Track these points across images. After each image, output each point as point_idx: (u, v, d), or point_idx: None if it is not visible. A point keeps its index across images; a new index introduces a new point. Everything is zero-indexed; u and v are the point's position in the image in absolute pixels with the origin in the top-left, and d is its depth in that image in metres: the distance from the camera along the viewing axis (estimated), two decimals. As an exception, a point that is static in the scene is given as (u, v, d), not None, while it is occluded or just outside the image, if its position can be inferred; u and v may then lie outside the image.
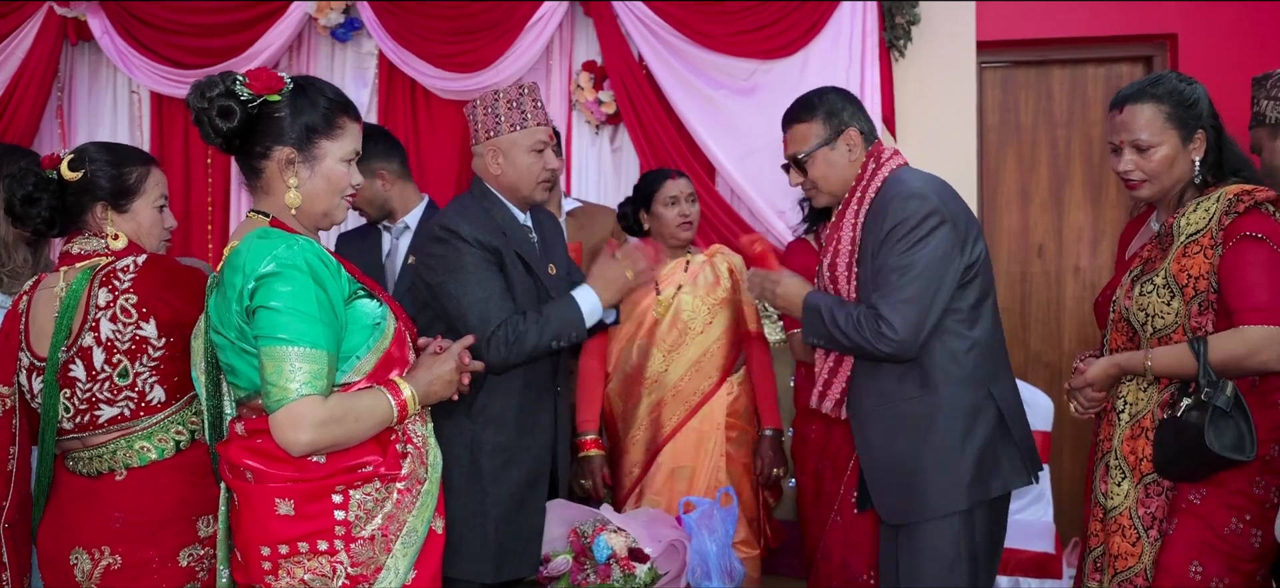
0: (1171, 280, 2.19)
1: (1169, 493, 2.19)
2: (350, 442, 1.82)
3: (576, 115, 4.39)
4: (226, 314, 1.83)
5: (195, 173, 4.55)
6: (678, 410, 3.19)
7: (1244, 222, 2.14)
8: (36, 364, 2.20)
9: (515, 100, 2.62)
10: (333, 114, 1.93)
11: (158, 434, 2.18)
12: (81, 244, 2.23)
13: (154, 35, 4.46)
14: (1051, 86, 4.49)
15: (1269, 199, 2.16)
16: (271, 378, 1.74)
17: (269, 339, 1.75)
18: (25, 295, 2.26)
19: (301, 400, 1.74)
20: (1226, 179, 2.25)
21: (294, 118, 1.90)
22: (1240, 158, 2.29)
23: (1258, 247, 2.11)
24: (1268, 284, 2.10)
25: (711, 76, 4.17)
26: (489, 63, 4.25)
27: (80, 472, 2.19)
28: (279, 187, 1.91)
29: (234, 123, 1.87)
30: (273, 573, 1.82)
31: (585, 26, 4.35)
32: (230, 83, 1.87)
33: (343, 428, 1.79)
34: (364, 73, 4.52)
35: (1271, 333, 2.09)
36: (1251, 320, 2.10)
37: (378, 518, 1.84)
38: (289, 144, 1.90)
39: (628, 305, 3.21)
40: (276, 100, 1.89)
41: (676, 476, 3.15)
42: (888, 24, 4.13)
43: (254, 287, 1.77)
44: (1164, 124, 2.24)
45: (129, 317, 2.14)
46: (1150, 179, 2.27)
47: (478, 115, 2.64)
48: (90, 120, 4.66)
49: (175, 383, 2.19)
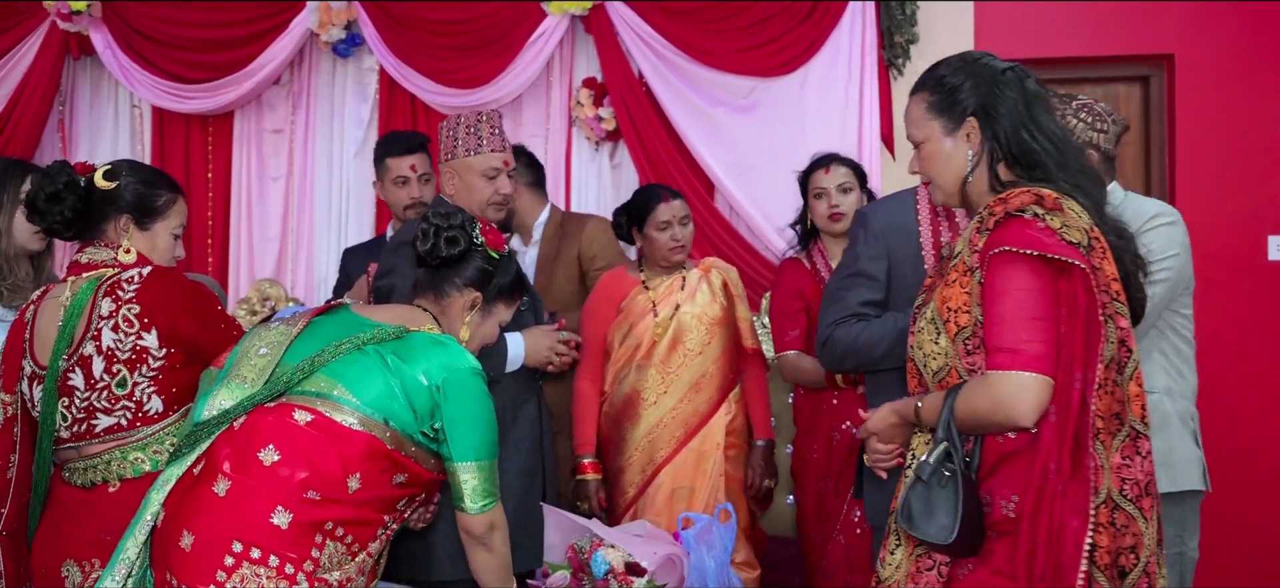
0: (936, 315, 1.82)
1: (942, 568, 1.77)
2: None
3: (576, 131, 4.41)
4: (402, 380, 1.96)
5: (195, 188, 4.57)
6: (676, 431, 3.17)
7: (996, 236, 1.74)
8: (38, 373, 2.21)
9: (473, 125, 2.77)
10: (515, 292, 2.26)
11: (152, 446, 2.18)
12: (91, 255, 2.25)
13: (156, 50, 4.49)
14: (1049, 106, 4.51)
15: (1032, 202, 1.75)
16: (480, 485, 2.01)
17: (467, 452, 1.99)
18: (32, 305, 2.28)
19: (493, 509, 2.03)
20: (1029, 178, 1.84)
21: (496, 277, 2.20)
22: (1038, 150, 1.84)
23: (1010, 266, 1.70)
24: (1013, 315, 1.68)
25: (711, 93, 4.19)
26: (489, 79, 4.27)
27: (75, 483, 2.19)
28: (458, 322, 2.17)
29: (458, 250, 2.14)
30: (231, 572, 1.79)
31: (586, 43, 4.37)
32: (472, 228, 2.18)
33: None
34: (365, 88, 4.54)
35: (1016, 381, 1.66)
36: (994, 363, 1.69)
37: (337, 573, 1.87)
38: (479, 291, 2.18)
39: (625, 328, 3.21)
40: (496, 256, 2.20)
41: (676, 496, 3.13)
42: (887, 43, 4.15)
43: (444, 384, 1.97)
44: (925, 114, 1.92)
45: (130, 327, 2.15)
46: (931, 180, 1.96)
47: (443, 137, 2.79)
48: (91, 135, 4.68)
49: (173, 394, 2.19)
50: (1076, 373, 1.69)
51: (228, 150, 4.61)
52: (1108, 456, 1.73)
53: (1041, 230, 1.71)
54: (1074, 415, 1.69)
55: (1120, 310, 1.78)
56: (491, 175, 2.73)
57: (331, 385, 1.91)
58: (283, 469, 1.84)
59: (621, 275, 3.30)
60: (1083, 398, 1.69)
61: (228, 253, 4.60)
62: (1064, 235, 1.71)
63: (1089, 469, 1.69)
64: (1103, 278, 1.75)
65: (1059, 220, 1.73)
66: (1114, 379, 1.75)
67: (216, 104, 4.49)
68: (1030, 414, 1.68)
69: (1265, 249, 4.21)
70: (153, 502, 1.89)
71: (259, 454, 1.86)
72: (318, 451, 1.86)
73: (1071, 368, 1.69)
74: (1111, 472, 1.73)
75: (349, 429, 1.88)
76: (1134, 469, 1.75)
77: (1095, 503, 1.69)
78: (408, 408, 1.92)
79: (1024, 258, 1.70)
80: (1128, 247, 1.89)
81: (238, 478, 1.85)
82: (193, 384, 2.21)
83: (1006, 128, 1.84)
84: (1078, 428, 1.69)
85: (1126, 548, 1.74)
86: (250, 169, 4.57)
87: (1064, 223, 1.73)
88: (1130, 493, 1.74)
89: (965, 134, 1.88)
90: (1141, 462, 1.76)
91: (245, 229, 4.58)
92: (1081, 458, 1.69)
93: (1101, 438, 1.72)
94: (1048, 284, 1.70)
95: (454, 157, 2.75)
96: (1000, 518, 1.72)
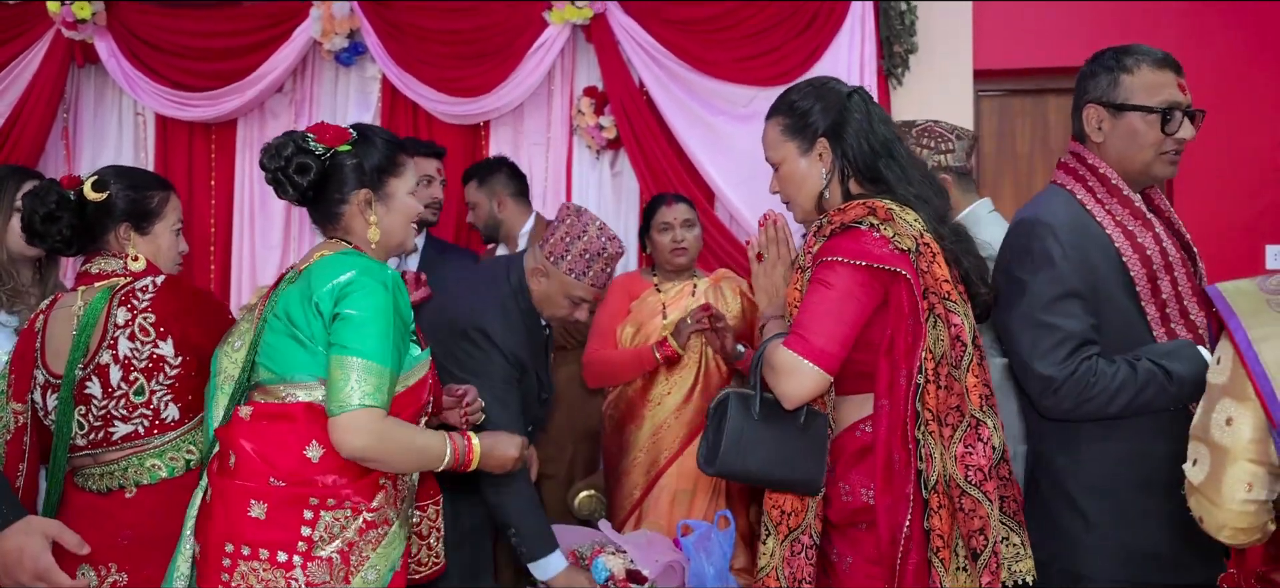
0: (787, 311, 1.99)
1: (809, 552, 1.92)
2: (393, 463, 1.95)
3: (577, 140, 4.43)
4: (301, 307, 1.94)
5: (198, 196, 4.61)
6: (680, 434, 3.19)
7: (830, 245, 1.90)
8: (52, 382, 2.23)
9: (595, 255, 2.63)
10: (393, 154, 2.09)
11: (169, 452, 2.20)
12: (100, 264, 2.27)
13: (160, 58, 4.51)
14: (1047, 115, 4.53)
15: (866, 214, 1.90)
16: (339, 384, 1.87)
17: (342, 349, 1.88)
18: (42, 315, 2.29)
19: (364, 410, 1.86)
20: (876, 191, 1.98)
21: (364, 163, 2.04)
22: (881, 166, 1.97)
23: (835, 271, 1.86)
24: (815, 309, 1.85)
25: (711, 102, 4.22)
26: (491, 88, 4.30)
27: (91, 488, 2.21)
28: (359, 226, 2.05)
29: (310, 176, 2.01)
30: (230, 571, 1.87)
31: (587, 52, 4.40)
32: (301, 140, 2.02)
33: (395, 446, 1.92)
34: (367, 97, 4.56)
35: (796, 364, 1.83)
36: (788, 342, 1.85)
37: (338, 541, 1.90)
38: (365, 186, 2.04)
39: (634, 327, 3.25)
40: (346, 150, 2.04)
41: (677, 499, 3.16)
42: (886, 52, 4.17)
43: (341, 294, 1.90)
44: (780, 137, 2.05)
45: (147, 336, 2.17)
46: (790, 199, 2.08)
47: (550, 237, 2.64)
48: (95, 142, 4.71)
49: (189, 401, 2.22)
50: (902, 368, 1.86)
51: (231, 158, 4.64)
52: (948, 446, 1.86)
53: (875, 240, 1.86)
54: (902, 407, 1.85)
55: (953, 309, 1.90)
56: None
57: (260, 369, 1.99)
58: (243, 468, 1.92)
59: (636, 276, 3.37)
60: (907, 392, 1.85)
61: (230, 260, 4.62)
62: (896, 243, 1.86)
63: (917, 457, 1.85)
64: (931, 280, 1.88)
65: (892, 230, 1.88)
66: (949, 373, 1.88)
67: (220, 112, 4.52)
68: (792, 398, 1.86)
69: (1263, 259, 4.23)
70: (188, 517, 1.99)
71: (228, 458, 1.94)
72: (264, 439, 1.92)
73: (898, 365, 1.86)
74: (955, 461, 1.86)
75: (285, 405, 1.95)
76: (976, 456, 1.86)
77: (926, 490, 1.84)
78: (328, 343, 1.91)
79: (851, 267, 1.86)
80: (966, 248, 2.00)
81: (216, 482, 1.94)
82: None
83: (854, 146, 1.99)
84: (905, 419, 1.85)
85: (975, 531, 1.85)
86: (253, 177, 4.59)
87: (896, 232, 1.88)
88: (974, 479, 1.86)
89: (818, 153, 2.02)
90: (984, 447, 1.87)
91: (247, 237, 4.60)
92: (910, 447, 1.85)
93: (939, 430, 1.85)
94: (869, 293, 1.86)
95: (562, 259, 2.65)
96: (861, 506, 1.90)
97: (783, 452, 1.90)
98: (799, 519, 1.94)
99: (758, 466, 1.91)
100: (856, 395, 1.95)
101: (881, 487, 1.86)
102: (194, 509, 1.99)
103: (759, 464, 1.90)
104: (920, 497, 1.84)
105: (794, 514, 1.94)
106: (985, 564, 1.85)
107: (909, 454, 1.85)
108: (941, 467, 1.84)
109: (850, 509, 1.92)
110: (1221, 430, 1.56)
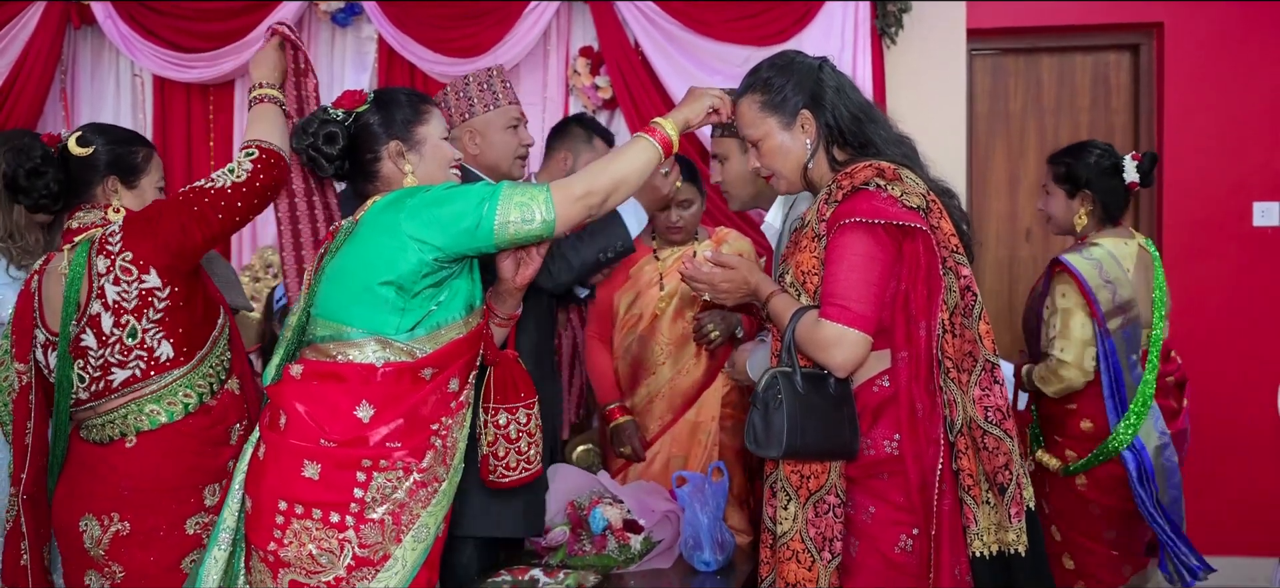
0: (794, 281, 2.04)
1: (836, 510, 1.97)
2: (621, 190, 2.01)
3: (573, 100, 4.45)
4: (374, 237, 1.93)
5: (197, 157, 4.62)
6: (674, 401, 3.21)
7: (845, 208, 1.95)
8: (51, 339, 2.25)
9: (485, 82, 2.74)
10: (415, 102, 2.13)
11: (167, 397, 2.22)
12: (80, 218, 2.28)
13: (157, 20, 4.52)
14: (1040, 75, 4.56)
15: (875, 175, 1.97)
16: (521, 201, 1.92)
17: (464, 196, 1.93)
18: (36, 275, 2.31)
19: (551, 202, 1.93)
20: (865, 156, 2.05)
21: (388, 118, 2.08)
22: (866, 129, 2.07)
23: (853, 233, 1.91)
24: (846, 276, 1.90)
25: (706, 63, 4.23)
26: (487, 48, 4.31)
27: (92, 440, 2.24)
28: (396, 178, 2.07)
29: (340, 143, 2.06)
30: (283, 529, 1.90)
31: (582, 12, 4.41)
32: (323, 113, 2.09)
33: (607, 180, 1.98)
34: (363, 57, 4.58)
35: (839, 333, 1.88)
36: (825, 313, 1.90)
37: (389, 502, 1.92)
38: (395, 137, 2.07)
39: (632, 295, 3.26)
40: (366, 109, 2.08)
41: (671, 465, 3.16)
42: (879, 11, 4.19)
43: (411, 192, 1.94)
44: (759, 114, 2.09)
45: (129, 275, 2.16)
46: (774, 173, 2.13)
47: (450, 101, 2.74)
48: (93, 105, 4.72)
49: (181, 335, 2.22)
50: (921, 322, 1.93)
51: (229, 119, 4.65)
52: (966, 390, 1.95)
53: (885, 200, 1.94)
54: (923, 358, 1.93)
55: (960, 261, 1.99)
56: (513, 126, 2.75)
57: (315, 324, 2.00)
58: (295, 428, 1.93)
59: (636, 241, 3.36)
60: (927, 343, 1.93)
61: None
62: (905, 201, 1.94)
63: (942, 404, 1.93)
64: (942, 235, 1.97)
65: (899, 189, 1.96)
66: (961, 322, 1.97)
67: (217, 73, 4.53)
68: (845, 367, 1.91)
69: (1250, 215, 4.28)
70: (238, 469, 2.01)
71: (279, 417, 1.95)
72: (315, 400, 1.93)
73: (917, 317, 1.93)
74: (974, 403, 1.95)
75: (336, 364, 1.94)
76: (994, 397, 1.96)
77: (953, 433, 1.93)
78: (395, 287, 1.90)
79: (868, 226, 1.91)
80: (955, 204, 2.11)
81: (270, 436, 1.96)
82: (199, 327, 2.26)
83: (834, 113, 2.06)
84: (928, 368, 1.93)
85: (1000, 467, 1.95)
86: (251, 138, 4.59)
87: (903, 191, 1.96)
88: (995, 419, 1.95)
89: (800, 125, 2.08)
90: (999, 389, 1.97)
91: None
92: (934, 395, 1.94)
93: (958, 376, 1.94)
94: (887, 251, 1.92)
95: (472, 114, 2.74)
96: (886, 457, 1.96)
97: (827, 423, 1.93)
98: (820, 480, 1.97)
99: (815, 440, 1.93)
100: (872, 352, 1.97)
101: (907, 435, 1.93)
102: (244, 462, 2.01)
103: (816, 439, 1.93)
104: (947, 440, 1.93)
105: (814, 477, 1.98)
106: (1011, 497, 1.94)
107: (933, 401, 1.93)
108: (963, 410, 1.93)
109: (871, 462, 1.97)
110: None
